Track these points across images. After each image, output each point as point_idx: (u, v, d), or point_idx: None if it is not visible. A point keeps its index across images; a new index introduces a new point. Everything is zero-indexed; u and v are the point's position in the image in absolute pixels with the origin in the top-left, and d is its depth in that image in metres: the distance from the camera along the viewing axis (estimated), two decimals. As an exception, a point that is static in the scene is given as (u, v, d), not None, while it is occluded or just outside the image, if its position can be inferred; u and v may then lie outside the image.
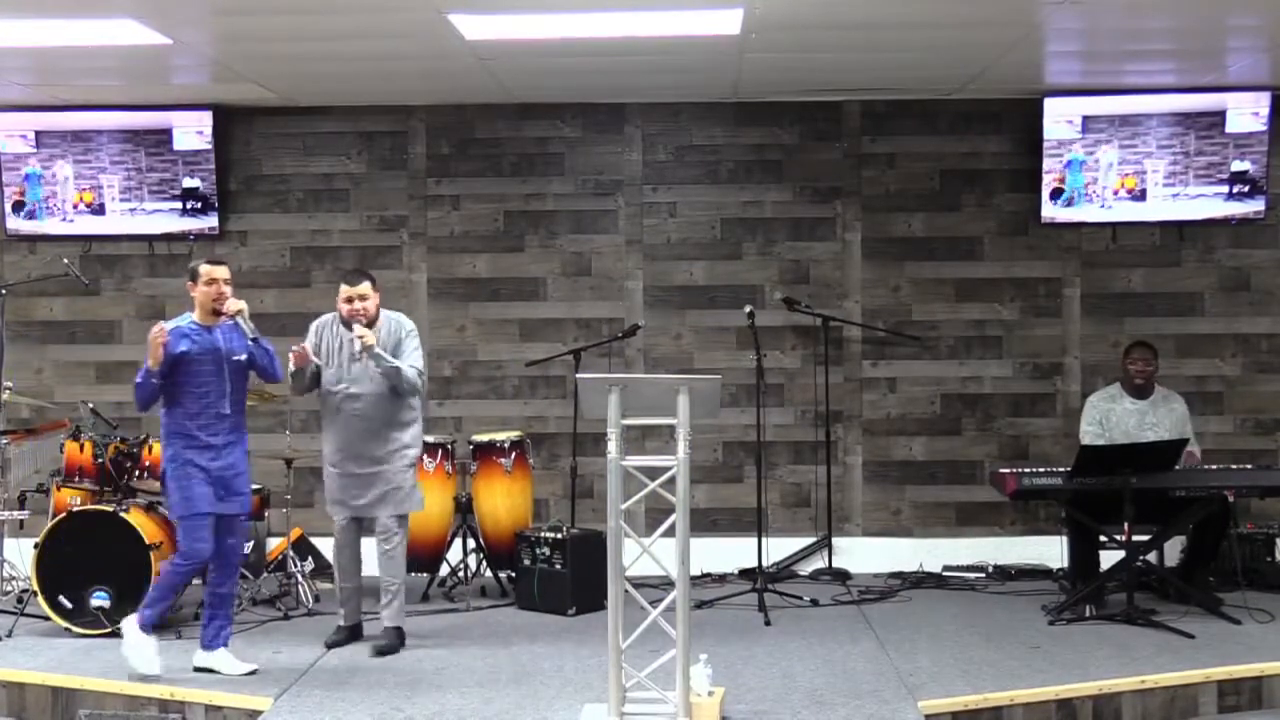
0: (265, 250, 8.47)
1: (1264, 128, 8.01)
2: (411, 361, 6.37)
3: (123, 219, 8.36)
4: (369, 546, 6.48)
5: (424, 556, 7.46)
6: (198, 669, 5.94)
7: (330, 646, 6.38)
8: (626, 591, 5.08)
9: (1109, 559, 7.11)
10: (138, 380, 5.90)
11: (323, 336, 6.49)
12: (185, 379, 5.88)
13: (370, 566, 6.50)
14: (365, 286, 6.38)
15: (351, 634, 6.51)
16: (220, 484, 5.90)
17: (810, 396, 8.30)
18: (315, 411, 8.35)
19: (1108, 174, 8.11)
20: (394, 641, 6.36)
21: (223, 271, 5.99)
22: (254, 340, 6.00)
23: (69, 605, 6.55)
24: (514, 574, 7.49)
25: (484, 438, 7.66)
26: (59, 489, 7.01)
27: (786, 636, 6.65)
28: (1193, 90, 7.99)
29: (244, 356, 6.01)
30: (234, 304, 5.96)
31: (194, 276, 5.98)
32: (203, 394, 5.89)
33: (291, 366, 6.31)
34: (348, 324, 6.38)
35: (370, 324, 6.36)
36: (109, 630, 6.48)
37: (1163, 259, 8.33)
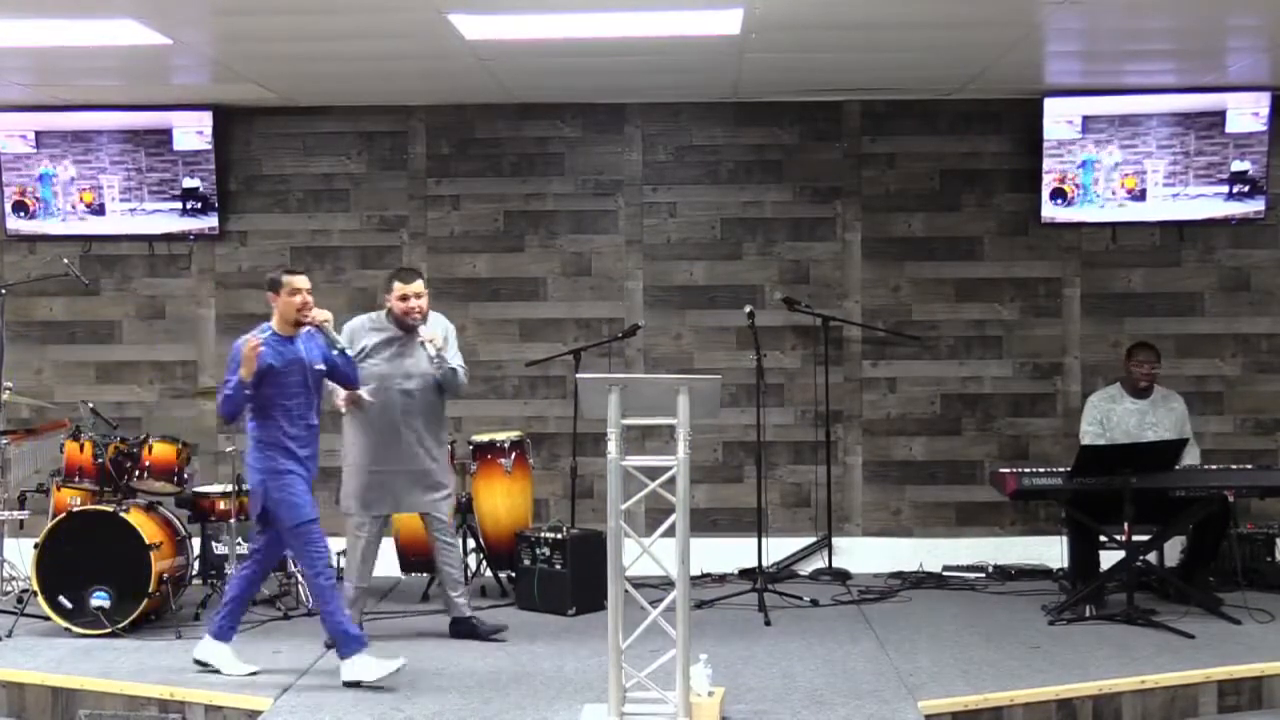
0: (265, 250, 8.47)
1: (1264, 128, 8.01)
2: (458, 362, 6.51)
3: (123, 219, 8.36)
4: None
5: (424, 557, 7.45)
6: (198, 661, 5.93)
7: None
8: (626, 591, 5.08)
9: (1109, 559, 7.11)
10: (227, 392, 5.78)
11: (358, 338, 6.49)
12: (273, 391, 5.79)
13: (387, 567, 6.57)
14: (421, 284, 6.45)
15: None
16: (310, 490, 5.94)
17: (810, 396, 8.30)
18: (315, 411, 8.39)
19: (1110, 174, 8.10)
20: (483, 625, 6.59)
21: (305, 281, 5.92)
22: (340, 351, 5.97)
23: (69, 605, 6.55)
24: (514, 574, 7.49)
25: (484, 438, 7.66)
26: (59, 489, 7.00)
27: (786, 636, 6.65)
28: (1193, 90, 7.99)
29: (323, 366, 5.96)
30: (320, 313, 5.93)
31: (276, 286, 5.89)
32: (293, 405, 5.84)
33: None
34: (400, 322, 6.41)
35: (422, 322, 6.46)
36: (109, 630, 6.49)
37: (1163, 259, 8.33)
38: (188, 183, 8.30)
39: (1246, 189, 8.09)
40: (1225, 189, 8.10)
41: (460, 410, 8.28)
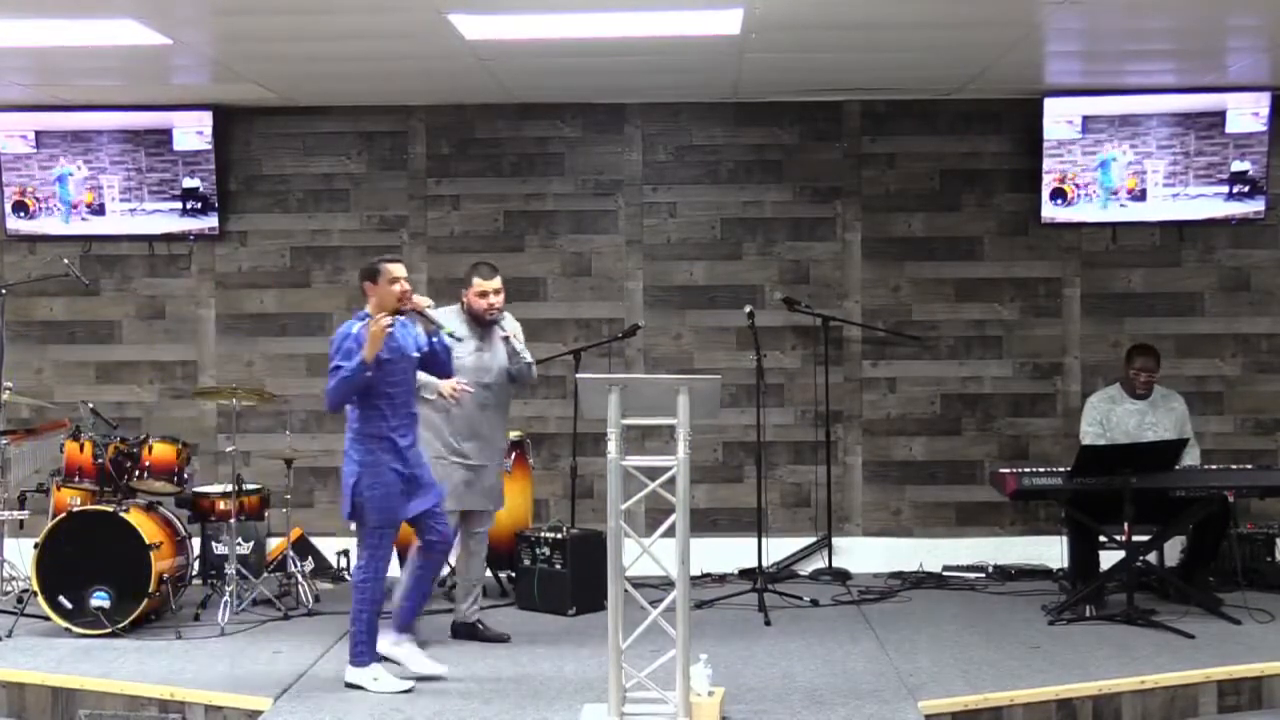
0: (265, 250, 8.47)
1: (1264, 128, 8.01)
2: (529, 357, 6.55)
3: (123, 219, 8.36)
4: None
5: (424, 556, 7.46)
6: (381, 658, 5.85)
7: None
8: (626, 591, 5.08)
9: (1109, 559, 7.11)
10: (345, 375, 5.57)
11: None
12: (378, 380, 5.64)
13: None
14: (500, 280, 6.43)
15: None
16: (412, 482, 5.77)
17: (810, 396, 8.30)
18: (315, 411, 8.40)
19: (1124, 173, 8.09)
20: (488, 630, 6.61)
21: (403, 269, 5.82)
22: (447, 335, 5.87)
23: (69, 605, 6.55)
24: (514, 574, 7.49)
25: (484, 438, 7.65)
26: (59, 489, 7.00)
27: (786, 636, 6.65)
28: (1193, 90, 7.99)
29: (418, 354, 5.85)
30: (421, 299, 5.87)
31: (373, 275, 5.73)
32: (395, 394, 5.72)
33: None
34: (478, 318, 6.40)
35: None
36: (109, 630, 6.49)
37: (1163, 259, 8.33)
38: (188, 183, 8.30)
39: (1246, 189, 8.09)
40: (1225, 189, 8.10)
41: (460, 410, 8.28)
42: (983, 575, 8.01)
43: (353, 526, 5.82)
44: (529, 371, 6.54)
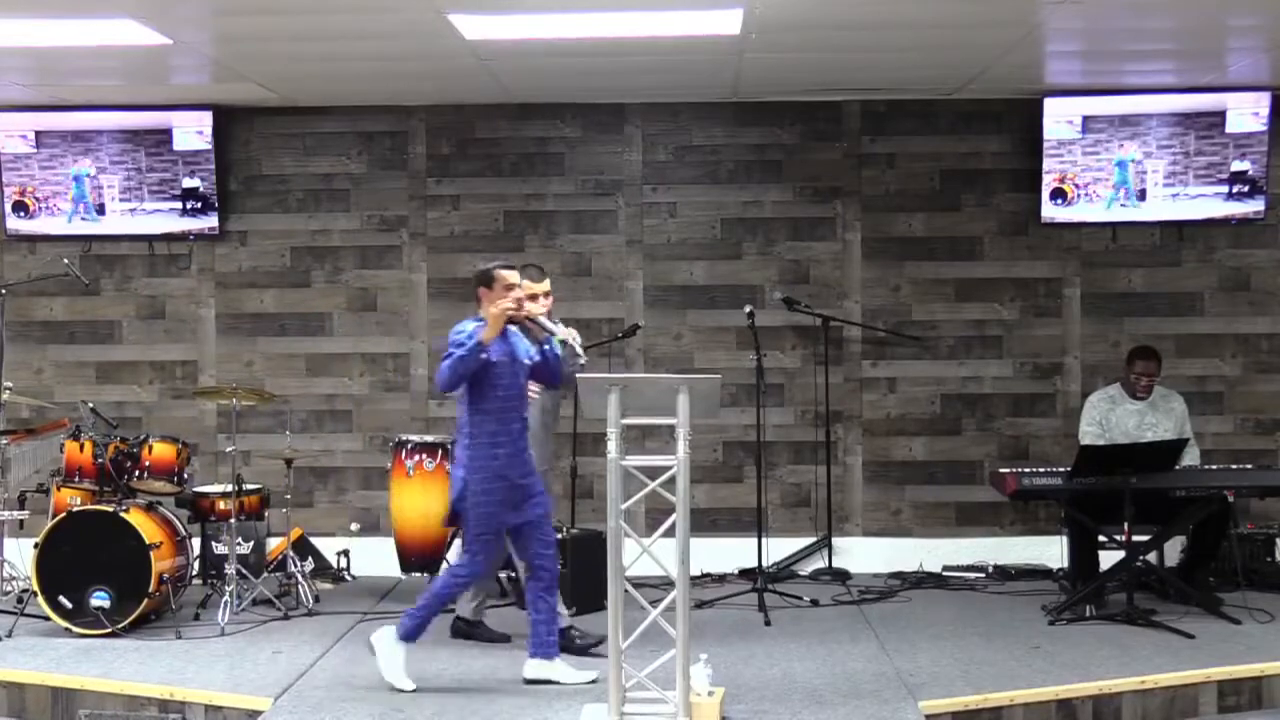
0: (265, 250, 8.47)
1: (1264, 128, 8.01)
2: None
3: (123, 219, 8.35)
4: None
5: (423, 556, 7.45)
6: (530, 680, 5.74)
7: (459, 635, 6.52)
8: (626, 591, 5.08)
9: (1109, 559, 7.10)
10: (461, 354, 5.47)
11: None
12: (491, 386, 5.59)
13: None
14: (548, 283, 6.25)
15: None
16: (519, 491, 5.69)
17: (810, 396, 8.30)
18: (315, 411, 8.41)
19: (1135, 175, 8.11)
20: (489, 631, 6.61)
21: (517, 275, 5.73)
22: (559, 344, 5.76)
23: (69, 605, 6.55)
24: (514, 574, 7.48)
25: (484, 438, 7.65)
26: (59, 489, 7.00)
27: (786, 636, 6.65)
28: (1193, 90, 7.99)
29: (528, 361, 5.75)
30: (534, 306, 5.80)
31: (488, 281, 5.65)
32: (507, 400, 5.65)
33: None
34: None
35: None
36: (109, 630, 6.49)
37: (1163, 259, 8.33)
38: (188, 183, 8.29)
39: (1246, 189, 8.09)
40: (1225, 189, 8.10)
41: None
42: (983, 575, 8.01)
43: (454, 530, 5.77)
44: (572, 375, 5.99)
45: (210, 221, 8.33)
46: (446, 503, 5.85)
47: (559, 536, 7.12)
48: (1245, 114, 8.01)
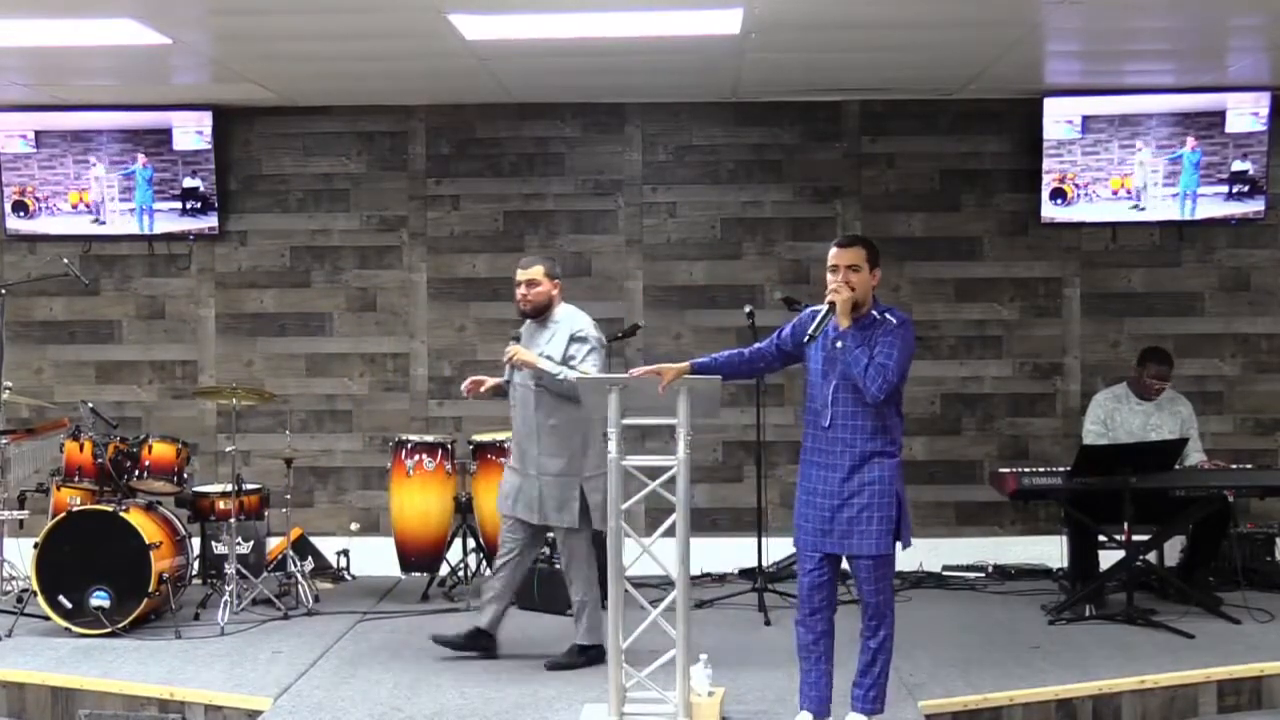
0: (265, 250, 8.47)
1: (1264, 128, 8.01)
2: (586, 366, 5.97)
3: (123, 219, 8.35)
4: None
5: (423, 556, 7.46)
6: None
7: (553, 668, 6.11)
8: (626, 591, 5.08)
9: (1109, 559, 7.10)
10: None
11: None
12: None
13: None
14: (536, 270, 6.07)
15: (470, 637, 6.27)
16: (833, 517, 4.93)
17: (810, 396, 8.29)
18: (315, 411, 8.41)
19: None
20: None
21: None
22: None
23: (69, 605, 6.55)
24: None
25: (484, 437, 7.66)
26: (59, 489, 7.00)
27: (786, 636, 6.60)
28: (1193, 90, 7.99)
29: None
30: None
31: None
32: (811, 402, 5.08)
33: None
34: (520, 310, 6.15)
35: (540, 314, 6.13)
36: (109, 630, 6.49)
37: (1163, 259, 8.33)
38: (188, 183, 8.29)
39: (1246, 189, 8.09)
40: (1225, 189, 8.10)
41: (460, 410, 8.29)
42: (983, 575, 8.01)
43: None
44: (560, 387, 5.89)
45: (210, 221, 8.33)
46: (455, 503, 5.66)
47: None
48: (1245, 114, 8.01)
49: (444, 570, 7.66)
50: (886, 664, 4.98)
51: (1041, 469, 7.10)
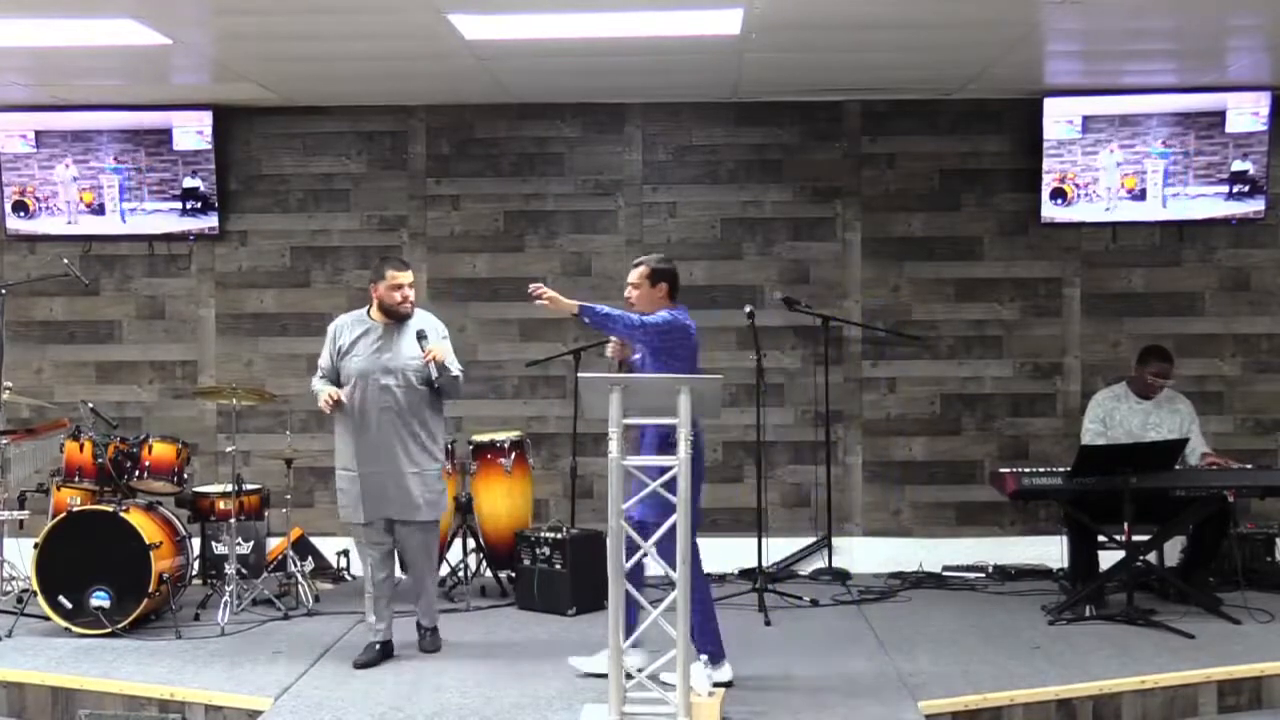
0: (265, 250, 8.47)
1: (1264, 128, 8.01)
2: (457, 367, 6.29)
3: (121, 219, 8.35)
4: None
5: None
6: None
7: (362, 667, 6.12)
8: (626, 591, 5.08)
9: (1109, 559, 7.11)
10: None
11: (342, 335, 6.30)
12: None
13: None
14: (411, 274, 6.34)
15: (384, 652, 6.27)
16: None
17: (810, 396, 8.30)
18: (315, 411, 8.37)
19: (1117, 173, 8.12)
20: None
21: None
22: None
23: (69, 605, 6.55)
24: (514, 574, 7.49)
25: (484, 438, 7.66)
26: (59, 489, 7.01)
27: (786, 636, 6.65)
28: (1193, 90, 7.99)
29: None
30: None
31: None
32: None
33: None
34: (390, 311, 6.22)
35: (406, 317, 6.28)
36: (109, 630, 6.49)
37: (1163, 259, 8.33)
38: (188, 183, 8.29)
39: (1246, 189, 8.09)
40: (1225, 189, 8.10)
41: (460, 410, 8.28)
42: (983, 575, 8.01)
43: None
44: (455, 385, 6.25)
45: (210, 221, 8.33)
46: (454, 504, 5.74)
47: (559, 536, 7.16)
48: (1245, 114, 8.01)
49: (444, 570, 7.65)
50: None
51: (1041, 469, 7.09)
